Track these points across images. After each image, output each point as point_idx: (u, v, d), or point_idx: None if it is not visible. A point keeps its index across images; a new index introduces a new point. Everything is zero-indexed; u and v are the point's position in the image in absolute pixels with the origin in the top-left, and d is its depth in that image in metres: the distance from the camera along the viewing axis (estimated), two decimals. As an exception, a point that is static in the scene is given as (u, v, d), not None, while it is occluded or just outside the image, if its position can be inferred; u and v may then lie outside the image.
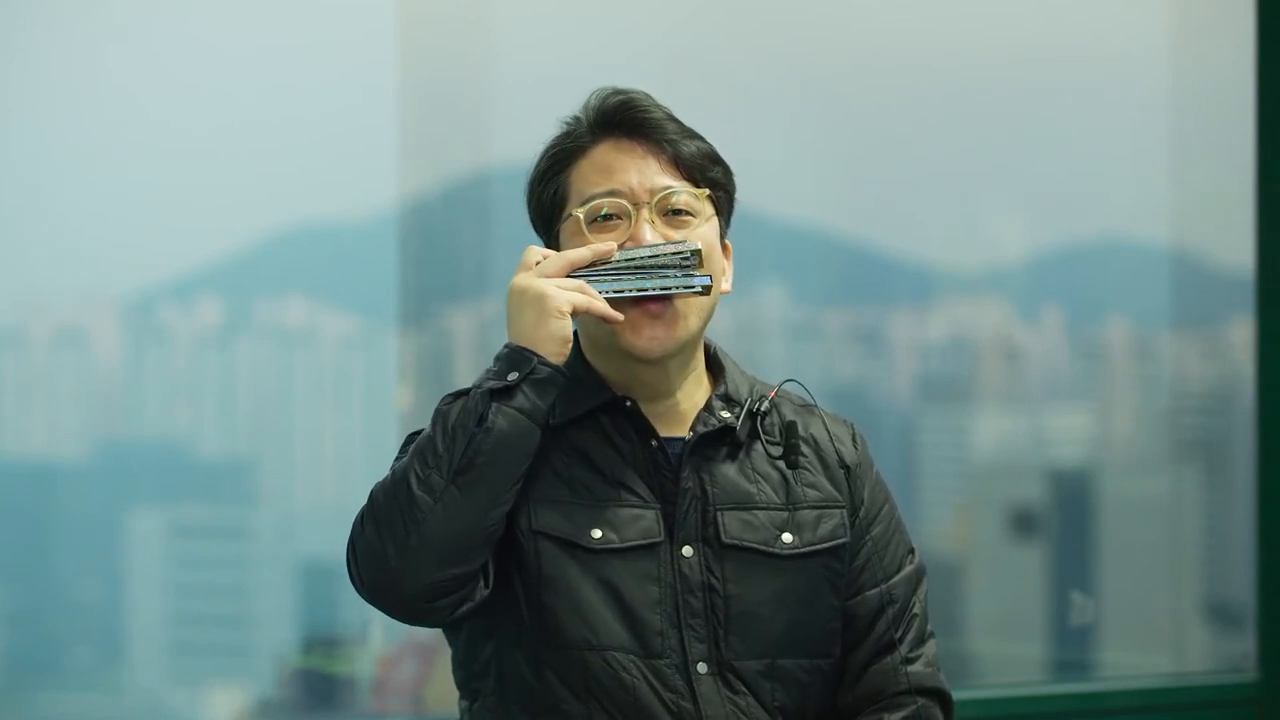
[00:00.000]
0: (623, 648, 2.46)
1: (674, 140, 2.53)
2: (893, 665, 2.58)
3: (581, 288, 2.44)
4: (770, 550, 2.52)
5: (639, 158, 2.53)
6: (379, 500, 2.40)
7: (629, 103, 2.54)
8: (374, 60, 4.65)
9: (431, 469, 2.38)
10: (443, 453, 2.38)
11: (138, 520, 5.53)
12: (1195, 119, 5.30)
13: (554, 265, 2.45)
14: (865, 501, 2.61)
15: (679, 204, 2.52)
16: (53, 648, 5.22)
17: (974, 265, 5.65)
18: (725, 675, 2.49)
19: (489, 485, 2.39)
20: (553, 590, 2.46)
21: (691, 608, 2.49)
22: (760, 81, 5.02)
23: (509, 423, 2.39)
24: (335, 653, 5.29)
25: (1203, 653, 5.54)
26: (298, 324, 5.59)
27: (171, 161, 5.03)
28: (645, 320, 2.49)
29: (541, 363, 2.40)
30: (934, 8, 5.28)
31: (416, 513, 2.37)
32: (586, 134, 2.55)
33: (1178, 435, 5.70)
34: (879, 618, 2.58)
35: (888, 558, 2.60)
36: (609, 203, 2.51)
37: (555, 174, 2.55)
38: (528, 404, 2.40)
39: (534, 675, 2.47)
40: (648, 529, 2.49)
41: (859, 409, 5.61)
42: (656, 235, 2.50)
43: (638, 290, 2.47)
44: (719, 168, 2.57)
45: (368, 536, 2.39)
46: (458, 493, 2.37)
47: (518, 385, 2.39)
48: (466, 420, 2.39)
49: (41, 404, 5.36)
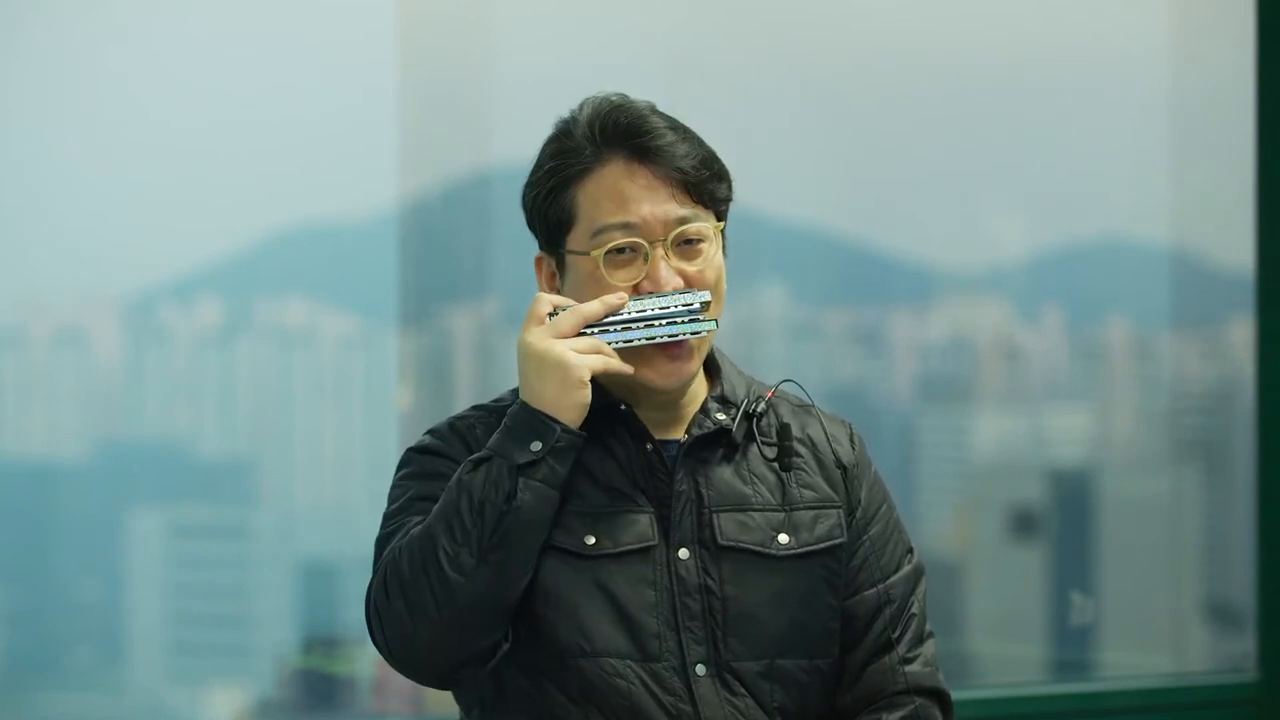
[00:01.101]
0: (618, 653, 2.46)
1: (683, 166, 2.51)
2: (891, 665, 2.57)
3: (597, 347, 2.44)
4: (766, 551, 2.52)
5: (649, 186, 2.51)
6: (405, 573, 2.40)
7: (637, 124, 2.52)
8: (374, 60, 4.65)
9: (461, 546, 2.38)
10: (470, 529, 2.38)
11: (138, 520, 5.53)
12: (1195, 119, 5.30)
13: (568, 323, 2.45)
14: (862, 501, 2.61)
15: (692, 234, 2.52)
16: (53, 648, 5.22)
17: (974, 265, 5.65)
18: (724, 677, 2.48)
19: (518, 558, 2.40)
20: (548, 599, 2.45)
21: (689, 610, 2.48)
22: (760, 81, 5.02)
23: (535, 496, 2.40)
24: (335, 653, 5.29)
25: (1203, 653, 5.54)
26: (298, 324, 5.59)
27: (172, 161, 5.03)
28: (662, 359, 2.50)
29: (564, 431, 2.41)
30: (934, 8, 5.28)
31: (450, 593, 2.37)
32: (590, 151, 2.52)
33: (1178, 435, 5.70)
34: (877, 617, 2.58)
35: (885, 557, 2.60)
36: (625, 241, 2.50)
37: (562, 189, 2.53)
38: (551, 474, 2.41)
39: (532, 684, 2.47)
40: (642, 533, 2.49)
41: (859, 409, 5.61)
42: (672, 273, 2.49)
43: (647, 339, 2.49)
44: (724, 183, 2.56)
45: (396, 612, 2.39)
46: (489, 570, 2.38)
47: (542, 458, 2.40)
48: (494, 495, 2.39)
49: (41, 404, 5.36)
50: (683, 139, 2.53)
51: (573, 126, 2.55)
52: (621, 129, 2.52)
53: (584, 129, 2.53)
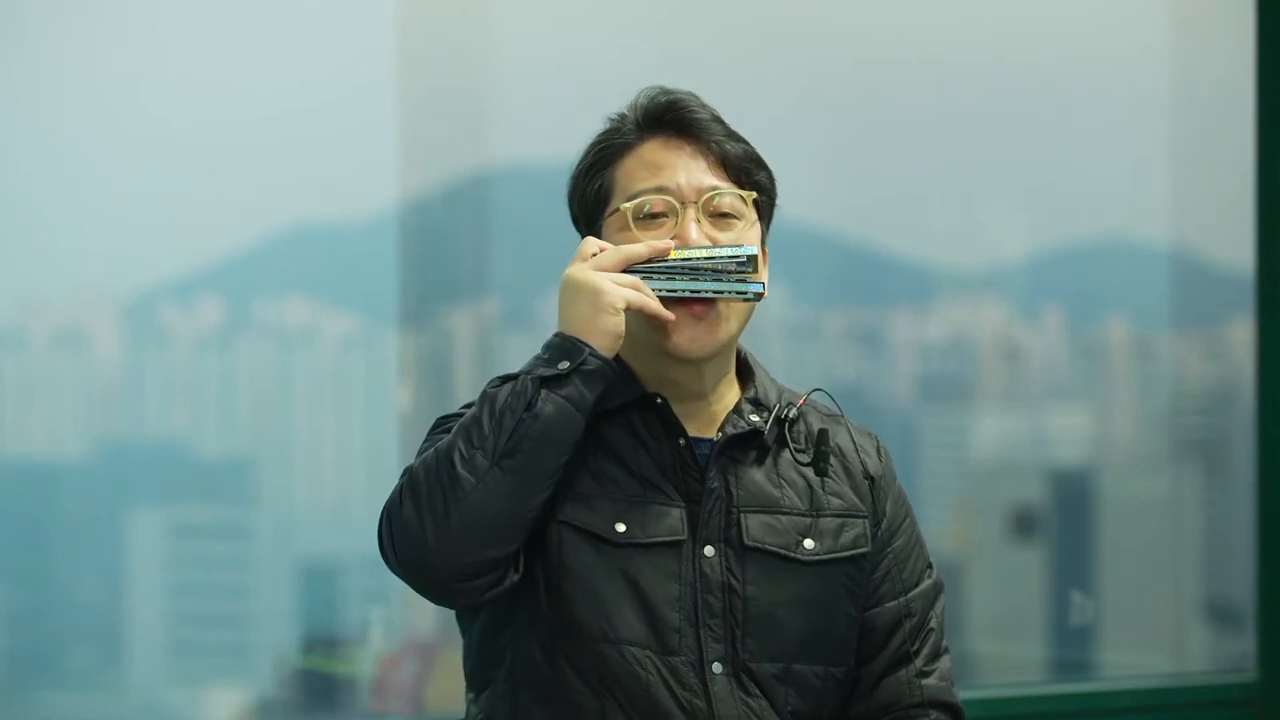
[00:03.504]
0: (639, 643, 2.46)
1: (720, 141, 2.53)
2: (908, 678, 2.59)
3: (636, 284, 2.44)
4: (791, 555, 2.52)
5: (687, 156, 2.53)
6: (419, 476, 2.39)
7: (677, 103, 2.54)
8: (374, 60, 4.66)
9: (476, 449, 2.37)
10: (488, 434, 2.38)
11: (138, 520, 5.52)
12: (1195, 119, 5.30)
13: (610, 259, 2.44)
14: (888, 514, 2.62)
15: (725, 206, 2.53)
16: (53, 648, 5.22)
17: (974, 265, 5.65)
18: (740, 676, 2.49)
19: (532, 470, 2.38)
20: (573, 580, 2.45)
21: (710, 607, 2.49)
22: (760, 80, 5.02)
23: (556, 410, 2.38)
24: (335, 653, 5.29)
25: (1203, 653, 5.54)
26: (298, 324, 5.59)
27: (172, 161, 5.03)
28: (688, 321, 2.49)
29: (593, 354, 2.40)
30: (934, 8, 5.29)
31: (459, 491, 2.36)
32: (633, 131, 2.54)
33: (1178, 435, 5.71)
34: (896, 630, 2.59)
35: (907, 570, 2.62)
36: (656, 199, 2.51)
37: (601, 169, 2.55)
38: (576, 394, 2.39)
39: (547, 663, 2.46)
40: (673, 526, 2.49)
41: (859, 409, 5.61)
42: (702, 236, 2.50)
43: (691, 292, 2.46)
44: (764, 172, 2.58)
45: (405, 512, 2.39)
46: (501, 475, 2.37)
47: (568, 375, 2.39)
48: (515, 404, 2.38)
49: (41, 404, 5.35)
50: (721, 123, 2.56)
51: (620, 119, 2.58)
52: (662, 107, 2.54)
53: (630, 116, 2.56)
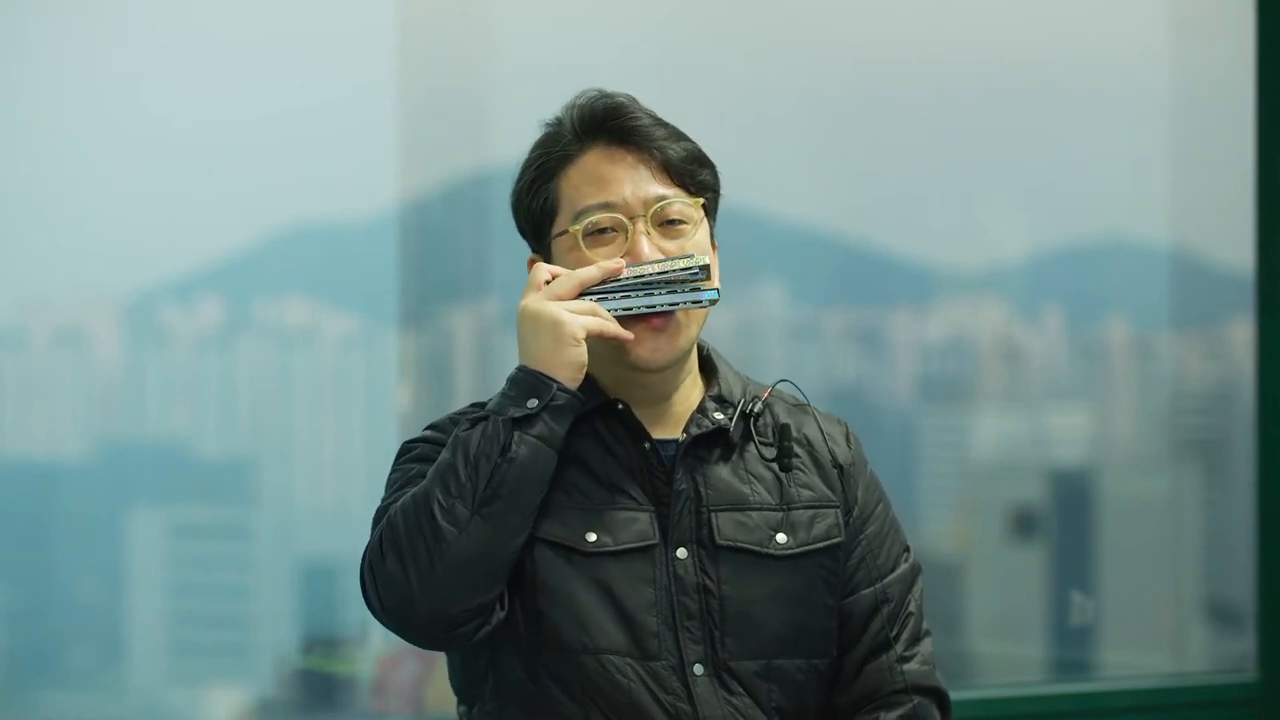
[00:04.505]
0: (619, 650, 2.46)
1: (662, 146, 2.51)
2: (888, 664, 2.58)
3: (593, 310, 2.43)
4: (764, 551, 2.52)
5: (630, 166, 2.51)
6: (400, 528, 2.39)
7: (616, 109, 2.52)
8: (374, 60, 4.66)
9: (455, 498, 2.37)
10: (465, 482, 2.37)
11: (138, 520, 5.52)
12: (1195, 119, 5.30)
13: (564, 286, 2.44)
14: (859, 500, 2.61)
15: (673, 213, 2.51)
16: (53, 648, 5.22)
17: (974, 265, 5.65)
18: (722, 676, 2.49)
19: (513, 514, 2.39)
20: (548, 595, 2.45)
21: (687, 609, 2.48)
22: (760, 80, 5.02)
23: (531, 451, 2.39)
24: (335, 653, 5.29)
25: (1203, 653, 5.54)
26: (298, 324, 5.58)
27: (171, 161, 5.02)
28: (647, 335, 2.48)
29: (560, 389, 2.40)
30: (934, 8, 5.28)
31: (441, 544, 2.36)
32: (573, 140, 2.53)
33: (1178, 435, 5.70)
34: (874, 617, 2.58)
35: (882, 556, 2.60)
36: (604, 217, 2.50)
37: (544, 183, 2.54)
38: (547, 431, 2.40)
39: (530, 680, 2.47)
40: (642, 531, 2.49)
41: (859, 409, 5.61)
42: (654, 248, 2.49)
43: (647, 308, 2.46)
44: (707, 170, 2.55)
45: (389, 566, 2.39)
46: (483, 523, 2.37)
47: (538, 413, 2.39)
48: (489, 449, 2.38)
49: (41, 404, 5.35)
50: (661, 125, 2.54)
51: (557, 125, 2.56)
52: (599, 115, 2.52)
53: (566, 123, 2.54)
